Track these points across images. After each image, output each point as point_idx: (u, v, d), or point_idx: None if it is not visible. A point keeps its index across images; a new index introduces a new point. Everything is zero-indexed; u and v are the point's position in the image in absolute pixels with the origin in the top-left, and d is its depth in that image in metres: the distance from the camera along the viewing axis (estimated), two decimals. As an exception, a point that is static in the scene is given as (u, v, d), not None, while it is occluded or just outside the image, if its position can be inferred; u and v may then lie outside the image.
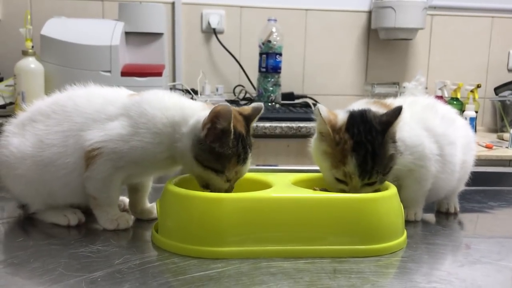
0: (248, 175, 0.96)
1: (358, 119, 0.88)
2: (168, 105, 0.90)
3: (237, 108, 0.91)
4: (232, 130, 0.84)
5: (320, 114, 0.87)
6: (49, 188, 0.92)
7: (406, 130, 0.94)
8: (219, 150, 0.84)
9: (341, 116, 0.89)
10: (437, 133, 0.99)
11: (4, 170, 0.94)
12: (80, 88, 0.96)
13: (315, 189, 0.91)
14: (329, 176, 0.89)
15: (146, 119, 0.88)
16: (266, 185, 0.91)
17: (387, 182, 0.92)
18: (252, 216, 0.81)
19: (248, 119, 0.90)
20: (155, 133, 0.87)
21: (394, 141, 0.89)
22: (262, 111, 0.91)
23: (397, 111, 0.87)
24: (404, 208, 0.90)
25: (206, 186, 0.89)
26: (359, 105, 0.96)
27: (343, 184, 0.88)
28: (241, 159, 0.87)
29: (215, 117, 0.83)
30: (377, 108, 0.96)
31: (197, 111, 0.88)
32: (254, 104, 0.92)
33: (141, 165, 0.90)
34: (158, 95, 0.92)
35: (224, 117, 0.83)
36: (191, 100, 0.95)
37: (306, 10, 2.67)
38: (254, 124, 0.91)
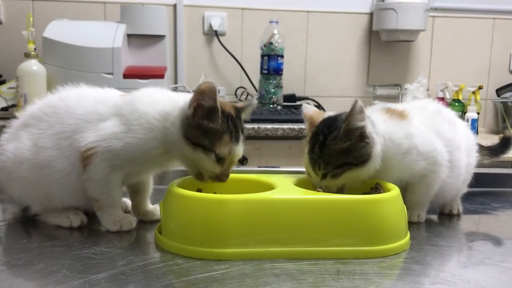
0: (250, 176, 0.97)
1: (331, 117, 0.93)
2: (158, 100, 0.90)
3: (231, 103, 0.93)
4: (219, 108, 0.85)
5: (302, 111, 0.98)
6: (47, 190, 0.92)
7: (418, 136, 0.95)
8: (207, 125, 0.85)
9: (326, 116, 0.95)
10: (446, 138, 0.99)
11: (3, 175, 0.95)
12: (71, 88, 0.97)
13: (318, 191, 0.91)
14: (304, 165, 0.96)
15: (137, 115, 0.88)
16: (268, 187, 0.91)
17: (389, 184, 0.92)
18: (255, 217, 0.81)
19: (239, 110, 0.92)
20: (148, 129, 0.88)
21: (363, 139, 0.89)
22: (255, 106, 0.95)
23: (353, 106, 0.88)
24: (407, 209, 0.90)
25: (199, 175, 0.89)
26: (370, 111, 0.97)
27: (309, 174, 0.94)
28: (233, 137, 0.87)
29: (200, 95, 0.84)
30: (387, 114, 0.96)
31: (188, 98, 0.88)
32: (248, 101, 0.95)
33: (137, 162, 0.90)
34: (148, 92, 0.93)
35: (209, 94, 0.83)
36: (185, 93, 0.94)
37: (308, 12, 2.67)
38: (246, 115, 0.93)
